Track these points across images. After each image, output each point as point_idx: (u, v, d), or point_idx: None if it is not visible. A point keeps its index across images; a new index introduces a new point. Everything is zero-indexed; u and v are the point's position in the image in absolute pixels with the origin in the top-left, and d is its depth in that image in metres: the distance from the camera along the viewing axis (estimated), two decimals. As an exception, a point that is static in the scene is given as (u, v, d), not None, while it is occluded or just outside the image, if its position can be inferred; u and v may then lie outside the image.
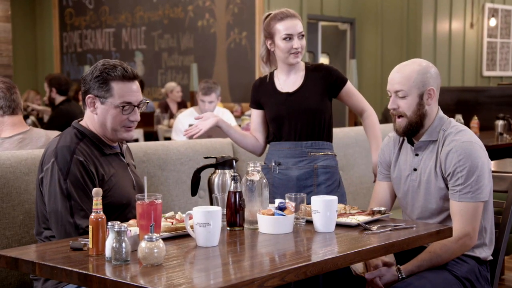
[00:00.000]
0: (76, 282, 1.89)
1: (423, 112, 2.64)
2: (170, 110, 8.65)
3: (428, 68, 2.65)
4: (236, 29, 9.35)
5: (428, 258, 2.57)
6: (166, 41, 10.24)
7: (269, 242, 2.28)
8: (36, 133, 3.17)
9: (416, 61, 2.69)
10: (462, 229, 2.55)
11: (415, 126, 2.65)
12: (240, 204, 2.40)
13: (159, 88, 10.25)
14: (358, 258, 2.12)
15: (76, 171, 2.41)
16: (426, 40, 10.22)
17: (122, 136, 2.57)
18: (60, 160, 2.42)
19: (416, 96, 2.62)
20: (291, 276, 1.90)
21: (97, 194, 2.06)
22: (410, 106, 2.63)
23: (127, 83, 2.54)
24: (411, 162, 2.72)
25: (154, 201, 2.16)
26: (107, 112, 2.53)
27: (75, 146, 2.46)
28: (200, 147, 3.55)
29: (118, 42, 10.91)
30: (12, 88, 3.16)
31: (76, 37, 11.52)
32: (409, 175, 2.72)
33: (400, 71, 2.66)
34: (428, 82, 2.63)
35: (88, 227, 2.04)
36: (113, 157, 2.59)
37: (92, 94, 2.53)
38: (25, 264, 2.00)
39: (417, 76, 2.62)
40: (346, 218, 2.48)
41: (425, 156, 2.68)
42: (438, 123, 2.67)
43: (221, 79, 9.40)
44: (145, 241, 1.92)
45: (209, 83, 5.55)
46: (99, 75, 2.52)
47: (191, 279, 1.86)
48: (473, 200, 2.55)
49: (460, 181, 2.55)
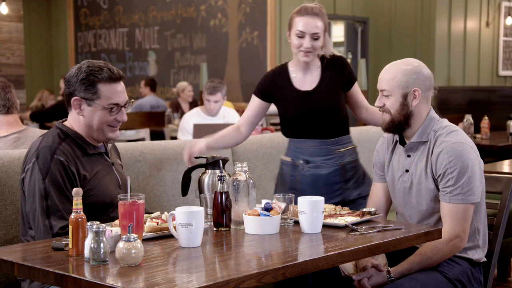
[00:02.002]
0: (52, 283, 1.88)
1: (408, 112, 2.62)
2: (181, 109, 8.65)
3: (417, 69, 2.62)
4: (248, 28, 9.34)
5: (418, 260, 2.54)
6: (179, 41, 10.25)
7: (253, 243, 2.26)
8: (31, 132, 3.18)
9: (407, 61, 2.66)
10: (452, 231, 2.52)
11: (398, 124, 2.64)
12: (226, 204, 2.39)
13: (171, 88, 10.27)
14: (340, 260, 2.10)
15: (56, 171, 2.41)
16: (440, 40, 10.13)
17: (108, 136, 2.57)
18: (41, 160, 2.42)
19: (400, 96, 2.61)
20: (269, 278, 1.88)
21: (77, 194, 2.05)
22: (393, 105, 2.62)
23: (114, 84, 2.54)
24: (403, 163, 2.69)
25: (136, 201, 2.15)
26: (94, 113, 2.53)
27: (56, 146, 2.47)
28: (198, 147, 3.52)
29: (131, 41, 10.95)
30: (7, 87, 3.17)
31: (91, 37, 11.59)
32: (401, 176, 2.70)
33: (388, 69, 2.65)
34: (413, 83, 2.60)
35: (63, 228, 2.03)
36: (97, 157, 2.59)
37: (78, 96, 2.52)
38: (4, 264, 2.00)
39: (401, 77, 2.60)
40: (334, 219, 2.46)
41: (416, 157, 2.66)
42: (429, 124, 2.64)
43: (233, 79, 9.40)
44: (123, 242, 1.91)
45: (214, 82, 5.54)
46: (85, 77, 2.51)
47: (168, 279, 1.84)
48: (464, 201, 2.52)
49: (451, 183, 2.52)
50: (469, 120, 6.32)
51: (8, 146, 3.08)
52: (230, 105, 8.03)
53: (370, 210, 2.56)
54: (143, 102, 9.25)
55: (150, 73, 10.75)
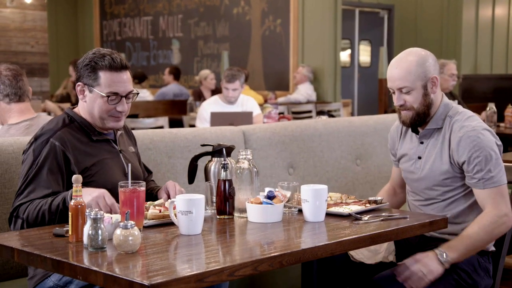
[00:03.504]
0: (50, 269, 1.90)
1: (429, 101, 2.60)
2: (203, 97, 8.66)
3: (426, 57, 2.59)
4: (271, 16, 9.30)
5: (471, 243, 2.48)
6: (202, 29, 10.26)
7: (255, 231, 2.25)
8: (43, 120, 3.20)
9: (412, 51, 2.63)
10: (498, 210, 2.48)
11: (422, 116, 2.62)
12: (229, 192, 2.38)
13: (194, 76, 10.29)
14: (340, 248, 2.08)
15: (47, 155, 2.43)
16: (467, 27, 9.98)
17: (110, 125, 2.56)
18: (37, 143, 2.46)
19: (421, 88, 2.57)
20: (265, 266, 1.87)
21: (76, 181, 2.06)
22: (416, 99, 2.58)
23: (115, 73, 2.52)
24: (416, 150, 2.68)
25: (136, 188, 2.15)
26: (94, 100, 2.53)
27: (56, 130, 2.49)
28: (210, 135, 3.51)
29: (155, 30, 10.98)
30: (18, 75, 3.19)
31: (116, 26, 11.65)
32: (413, 163, 2.68)
33: (398, 66, 2.60)
34: (429, 71, 2.58)
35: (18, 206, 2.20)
36: (102, 144, 2.59)
37: (81, 82, 2.55)
38: (5, 250, 2.02)
39: (417, 68, 2.56)
40: (338, 208, 2.44)
41: (430, 144, 2.64)
42: (443, 110, 2.62)
43: (255, 67, 9.38)
44: (120, 229, 1.92)
45: (233, 70, 5.53)
46: (88, 63, 2.52)
47: (163, 267, 1.84)
48: (499, 183, 2.50)
49: (480, 168, 2.50)
50: (492, 109, 6.22)
51: (19, 133, 3.11)
52: (253, 94, 8.03)
53: (376, 199, 2.53)
54: (166, 91, 9.29)
55: (173, 62, 10.78)
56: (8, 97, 3.15)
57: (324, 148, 3.91)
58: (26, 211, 2.37)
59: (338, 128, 4.05)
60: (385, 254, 2.60)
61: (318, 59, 9.05)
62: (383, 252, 2.60)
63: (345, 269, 2.66)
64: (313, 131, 3.92)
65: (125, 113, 2.57)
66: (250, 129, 3.71)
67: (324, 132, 3.96)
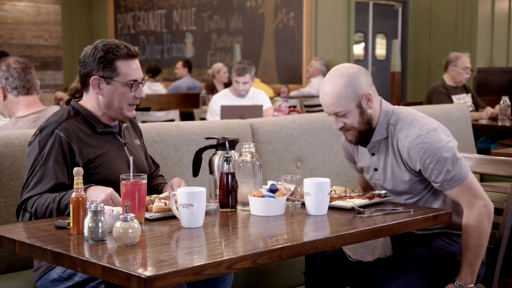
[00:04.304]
0: (50, 261, 1.91)
1: (368, 117, 2.52)
2: (216, 90, 8.66)
3: (354, 75, 2.50)
4: (284, 9, 9.27)
5: (471, 254, 2.46)
6: (216, 22, 10.25)
7: (257, 224, 2.25)
8: (50, 113, 3.20)
9: (338, 71, 2.52)
10: (472, 207, 2.45)
11: (365, 133, 2.55)
12: (232, 185, 2.38)
13: (208, 69, 10.30)
14: (341, 242, 2.07)
15: (52, 146, 2.44)
16: (483, 19, 9.88)
17: (127, 114, 2.59)
18: (42, 134, 2.47)
19: (355, 107, 2.49)
20: (264, 259, 1.87)
21: (77, 173, 2.07)
22: (354, 120, 2.51)
23: (130, 61, 2.56)
24: (370, 163, 2.63)
25: (138, 181, 2.16)
26: (114, 91, 2.54)
27: (61, 122, 2.50)
28: (217, 128, 3.51)
29: (169, 23, 11.00)
30: (27, 68, 3.21)
31: (130, 19, 11.68)
32: (372, 175, 2.65)
33: (328, 92, 2.50)
34: (360, 88, 2.49)
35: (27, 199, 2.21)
36: (107, 136, 2.60)
37: (96, 75, 2.54)
38: (7, 242, 2.04)
39: (346, 90, 2.47)
40: (342, 201, 2.43)
41: (382, 154, 2.59)
42: (384, 119, 2.55)
43: (268, 60, 9.36)
44: (120, 221, 1.92)
45: (243, 63, 5.52)
46: (102, 55, 2.52)
47: (161, 260, 1.84)
48: (462, 179, 2.45)
49: (437, 172, 2.44)
50: (506, 102, 6.16)
51: (27, 126, 3.12)
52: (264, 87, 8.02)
53: (380, 192, 2.52)
54: (180, 84, 9.30)
55: (187, 55, 10.79)
56: (16, 90, 3.17)
57: (333, 142, 3.90)
58: (34, 205, 2.38)
59: (347, 121, 4.03)
60: (382, 249, 2.58)
61: (331, 52, 9.01)
62: (379, 248, 2.58)
63: (344, 270, 2.64)
64: (322, 124, 3.90)
65: None
66: (258, 122, 3.71)
67: (333, 125, 3.93)
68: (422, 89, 9.12)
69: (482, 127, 6.11)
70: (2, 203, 2.76)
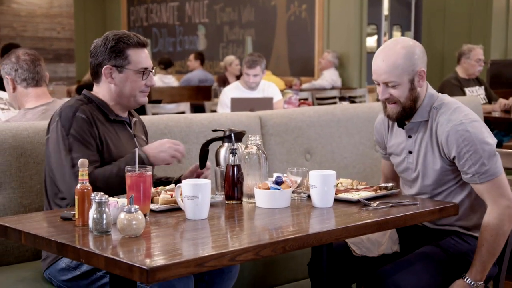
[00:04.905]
0: (55, 251, 1.93)
1: (416, 95, 2.49)
2: (228, 83, 8.65)
3: (413, 48, 2.47)
4: (296, 1, 9.25)
5: (486, 252, 2.43)
6: (228, 15, 10.25)
7: (262, 216, 2.25)
8: (59, 104, 3.21)
9: (399, 42, 2.49)
10: (498, 206, 2.41)
11: (408, 110, 2.51)
12: (238, 177, 2.38)
13: (220, 62, 10.30)
14: (345, 234, 2.07)
15: (78, 127, 2.48)
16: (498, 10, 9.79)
17: (140, 100, 2.64)
18: (64, 118, 2.50)
19: (407, 82, 2.45)
20: (267, 251, 1.87)
21: (82, 165, 2.08)
22: (402, 94, 2.47)
23: (141, 50, 2.62)
24: (406, 145, 2.59)
25: (143, 173, 2.16)
26: (126, 79, 2.59)
27: (78, 105, 2.55)
28: (226, 120, 3.51)
29: (181, 16, 11.00)
30: (36, 60, 3.22)
31: (143, 11, 11.70)
32: (405, 158, 2.61)
33: (385, 59, 2.46)
34: (417, 64, 2.46)
35: None
36: (118, 125, 2.65)
37: (108, 64, 2.59)
38: (13, 233, 2.05)
39: (405, 62, 2.43)
40: (348, 194, 2.42)
41: (419, 137, 2.55)
42: (428, 102, 2.51)
43: (280, 53, 9.34)
44: (124, 213, 1.93)
45: (254, 56, 5.51)
46: (114, 45, 2.59)
47: (164, 251, 1.85)
48: (494, 176, 2.41)
49: (471, 163, 2.41)
50: (520, 95, 6.12)
51: (36, 118, 3.14)
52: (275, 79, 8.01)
53: (387, 185, 2.51)
54: (191, 77, 9.31)
55: (199, 47, 10.79)
56: (25, 81, 3.19)
57: (343, 134, 3.88)
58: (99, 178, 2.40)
59: (357, 113, 4.01)
60: (388, 245, 2.56)
61: (343, 45, 8.98)
62: (385, 243, 2.56)
63: (350, 266, 2.61)
64: (331, 116, 3.89)
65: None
66: (267, 115, 3.70)
67: (342, 118, 3.93)
68: (436, 81, 9.05)
69: (495, 119, 6.07)
70: (11, 194, 2.78)
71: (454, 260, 2.50)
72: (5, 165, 2.77)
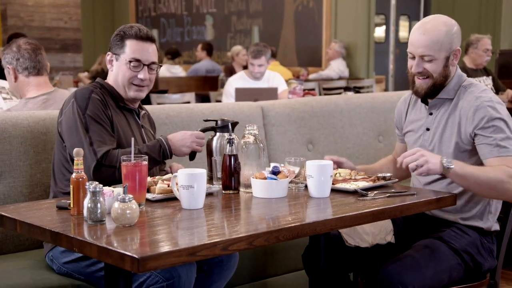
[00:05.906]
0: (49, 240, 1.93)
1: (448, 73, 2.54)
2: (235, 73, 8.64)
3: (453, 27, 2.52)
4: (304, -9, 9.21)
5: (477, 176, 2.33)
6: (235, 5, 10.22)
7: (259, 206, 2.25)
8: (60, 94, 3.24)
9: (440, 19, 2.53)
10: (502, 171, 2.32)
11: (438, 87, 2.55)
12: (235, 167, 2.37)
13: (227, 52, 10.28)
14: (340, 224, 2.06)
15: (94, 107, 2.52)
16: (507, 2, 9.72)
17: (131, 94, 2.65)
18: (79, 98, 2.54)
19: (443, 58, 2.50)
20: (261, 241, 1.86)
21: (78, 154, 2.08)
22: (437, 69, 2.51)
23: (140, 42, 2.64)
24: (424, 122, 2.62)
25: (139, 162, 2.16)
26: (119, 68, 2.65)
27: (92, 88, 2.60)
28: (227, 110, 3.50)
29: (189, 6, 10.98)
30: (37, 49, 3.23)
31: (151, 1, 11.69)
32: (421, 135, 2.62)
33: (426, 33, 2.49)
34: (455, 43, 2.52)
35: (106, 153, 2.30)
36: (128, 113, 2.69)
37: (111, 51, 2.68)
38: (8, 221, 2.06)
39: (444, 39, 2.48)
40: (345, 184, 2.41)
41: (439, 114, 2.58)
42: (458, 81, 2.56)
43: (288, 43, 9.31)
44: (118, 202, 1.93)
45: (259, 46, 5.50)
46: (117, 33, 2.67)
47: (157, 240, 1.85)
48: (510, 154, 2.37)
49: (494, 135, 2.39)
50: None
51: (37, 107, 3.15)
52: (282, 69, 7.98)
53: (385, 175, 2.50)
54: (199, 67, 9.30)
55: (207, 38, 10.77)
56: (27, 70, 3.20)
57: (346, 124, 3.87)
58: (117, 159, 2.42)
59: (360, 104, 4.00)
60: (381, 235, 2.55)
61: (351, 35, 8.94)
62: (379, 234, 2.55)
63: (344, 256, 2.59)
64: (334, 106, 3.87)
65: (148, 85, 2.67)
66: (269, 105, 3.69)
67: (345, 108, 3.91)
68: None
69: (502, 110, 6.02)
70: (11, 183, 2.79)
71: (457, 254, 2.47)
72: (6, 154, 2.78)
